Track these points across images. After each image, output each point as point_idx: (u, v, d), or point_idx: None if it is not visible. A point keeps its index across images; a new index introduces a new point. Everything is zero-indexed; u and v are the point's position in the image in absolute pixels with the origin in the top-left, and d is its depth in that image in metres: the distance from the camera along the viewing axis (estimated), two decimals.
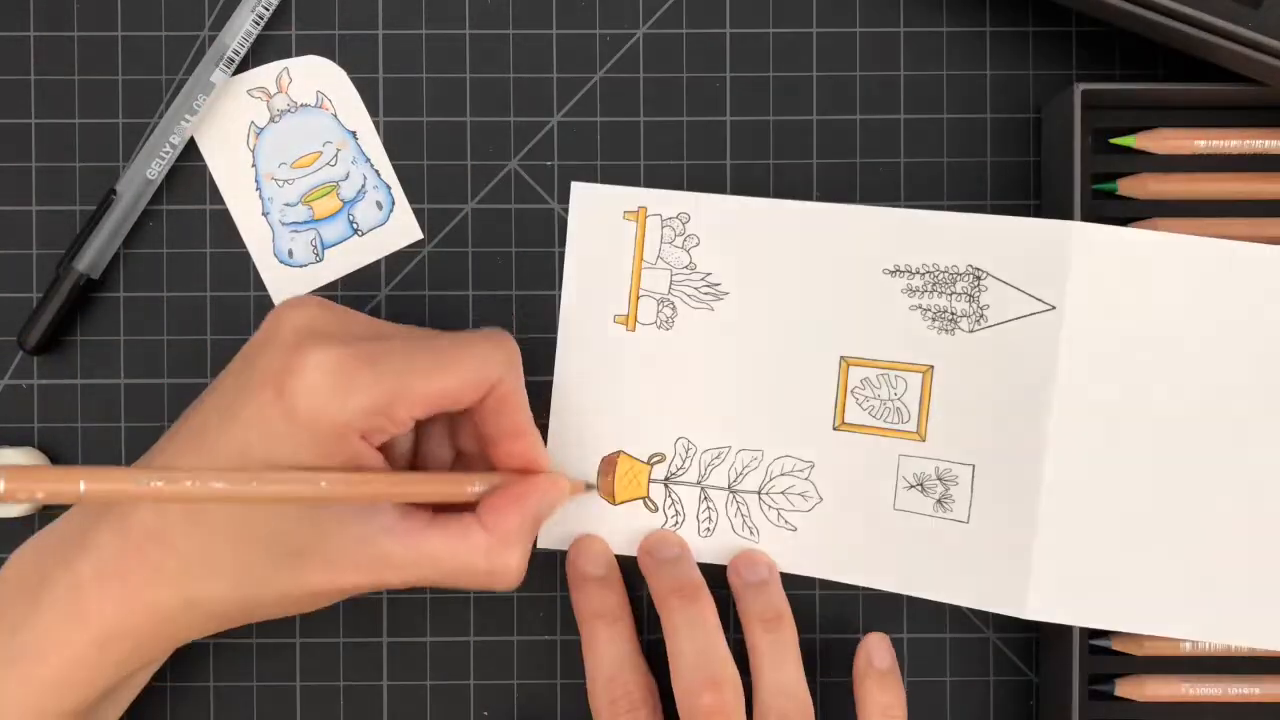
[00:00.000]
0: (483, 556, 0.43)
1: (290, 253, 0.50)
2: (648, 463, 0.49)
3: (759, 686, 0.46)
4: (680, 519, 0.49)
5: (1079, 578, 0.45)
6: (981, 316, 0.46)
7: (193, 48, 0.50)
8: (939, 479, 0.47)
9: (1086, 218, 0.47)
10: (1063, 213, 0.47)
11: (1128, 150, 0.49)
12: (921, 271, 0.47)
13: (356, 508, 0.42)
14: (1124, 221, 0.48)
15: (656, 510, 0.49)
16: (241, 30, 0.48)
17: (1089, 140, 0.49)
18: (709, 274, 0.49)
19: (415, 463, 0.47)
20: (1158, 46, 0.50)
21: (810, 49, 0.50)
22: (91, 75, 0.50)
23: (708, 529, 0.49)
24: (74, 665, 0.41)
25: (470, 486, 0.44)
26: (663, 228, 0.49)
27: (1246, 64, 0.44)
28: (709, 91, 0.50)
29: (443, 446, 0.47)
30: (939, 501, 0.47)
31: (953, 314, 0.46)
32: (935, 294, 0.47)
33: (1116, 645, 0.48)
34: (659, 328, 0.49)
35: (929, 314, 0.47)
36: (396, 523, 0.42)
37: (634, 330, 0.49)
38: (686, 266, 0.49)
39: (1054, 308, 0.45)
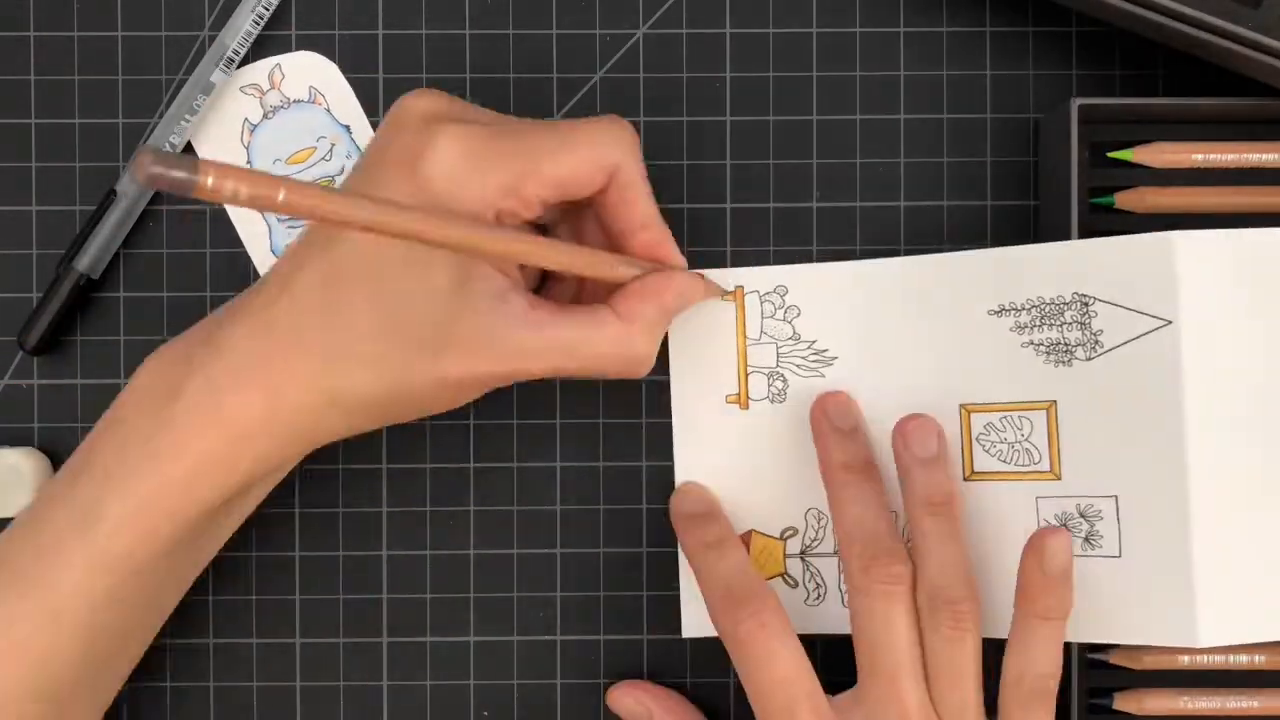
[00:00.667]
0: (616, 345, 0.43)
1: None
2: (780, 538, 0.49)
3: (922, 573, 0.44)
4: (822, 590, 0.49)
5: (1245, 595, 0.43)
6: (1096, 343, 0.44)
7: (193, 48, 0.50)
8: (1082, 516, 0.45)
9: (1084, 232, 0.47)
10: (1060, 226, 0.47)
11: (1125, 164, 0.49)
12: (1027, 307, 0.45)
13: (489, 295, 0.42)
14: (1121, 234, 0.48)
15: (797, 585, 0.49)
16: (242, 30, 0.48)
17: (1086, 154, 0.48)
18: (814, 341, 0.49)
19: (548, 288, 0.47)
20: (1158, 46, 0.50)
21: (810, 49, 0.50)
22: (91, 75, 0.50)
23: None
24: (208, 465, 0.41)
25: (617, 267, 0.44)
26: (762, 303, 0.49)
27: (1246, 64, 0.44)
28: (709, 91, 0.50)
29: (565, 241, 0.47)
30: (1086, 539, 0.45)
31: (1067, 345, 0.45)
32: (1045, 327, 0.45)
33: (1115, 659, 0.48)
34: (772, 402, 0.49)
35: (1042, 348, 0.45)
36: (527, 311, 0.42)
37: (747, 408, 0.49)
38: (791, 338, 0.49)
39: (1170, 322, 0.43)
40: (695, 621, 0.49)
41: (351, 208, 0.36)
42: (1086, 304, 0.44)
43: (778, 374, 0.49)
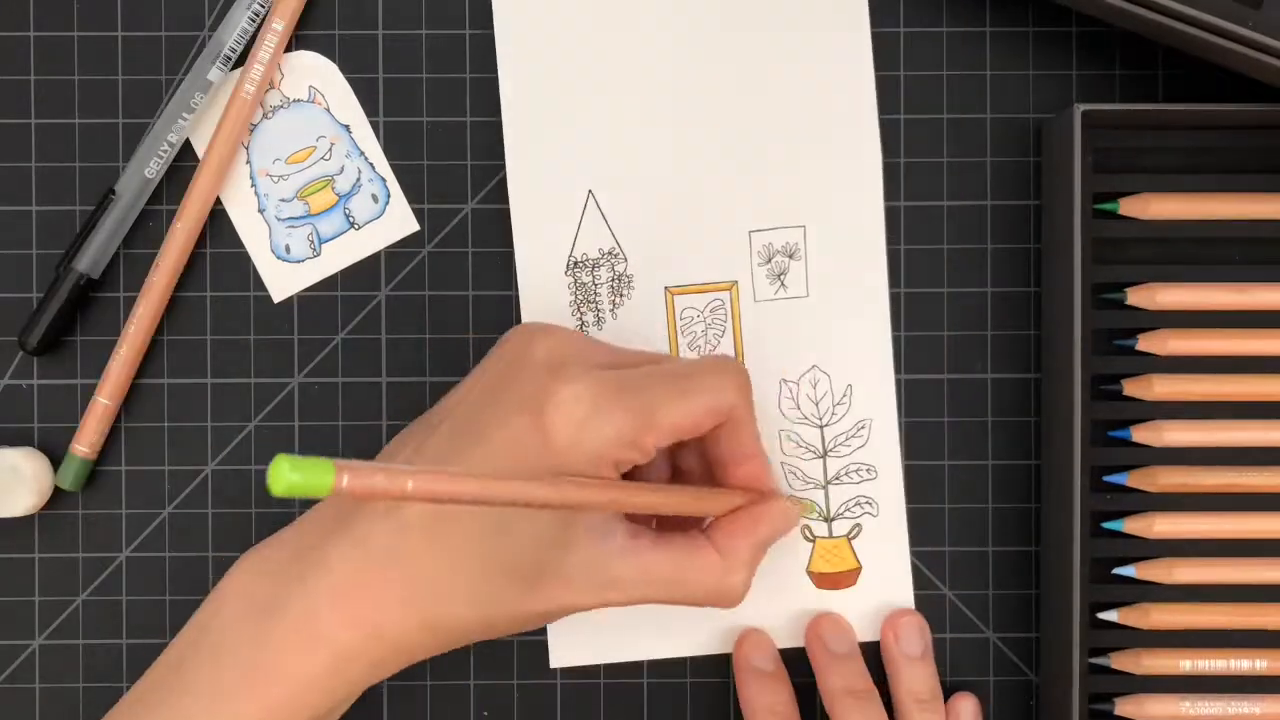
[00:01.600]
0: (712, 577, 0.44)
1: (287, 248, 0.50)
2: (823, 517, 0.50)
3: None
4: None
5: None
6: None
7: (192, 48, 0.49)
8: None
9: (1088, 237, 0.47)
10: (1064, 232, 0.47)
11: (1129, 169, 0.49)
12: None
13: (592, 531, 0.42)
14: (1126, 243, 0.49)
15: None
16: (238, 29, 0.48)
17: (1089, 160, 0.48)
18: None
19: (630, 479, 0.47)
20: (1158, 47, 0.49)
21: None
22: (91, 75, 0.50)
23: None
24: (307, 688, 0.41)
25: (712, 502, 0.45)
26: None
27: (1246, 64, 0.44)
28: None
29: (661, 465, 0.47)
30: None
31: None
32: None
33: (1116, 664, 0.48)
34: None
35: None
36: (626, 544, 0.43)
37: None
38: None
39: None
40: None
41: (486, 488, 0.36)
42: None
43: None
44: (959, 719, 0.49)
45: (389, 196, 0.50)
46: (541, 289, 0.49)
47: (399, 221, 0.50)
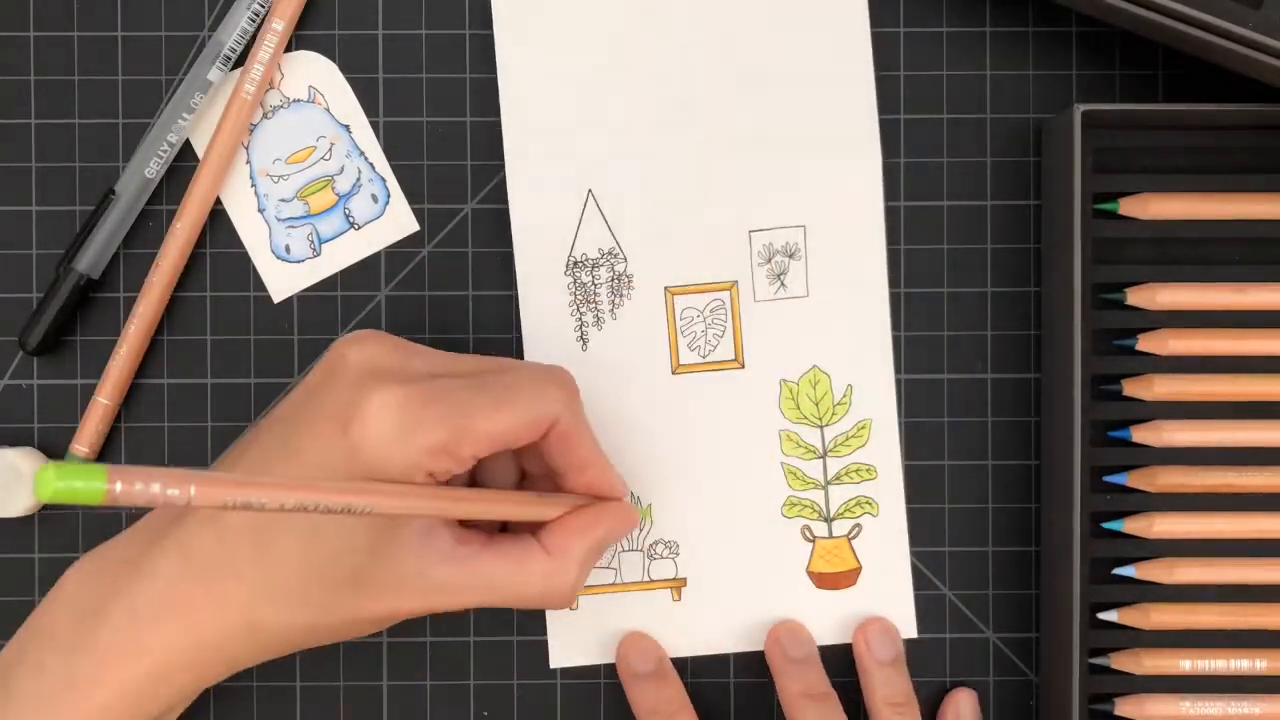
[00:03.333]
0: (540, 580, 0.43)
1: (287, 248, 0.50)
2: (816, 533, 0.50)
3: None
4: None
5: None
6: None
7: (192, 48, 0.49)
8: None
9: (1088, 237, 0.47)
10: (1064, 232, 0.47)
11: (1130, 170, 0.49)
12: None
13: (415, 535, 0.42)
14: (1125, 243, 0.49)
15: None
16: (238, 29, 0.48)
17: (1089, 160, 0.48)
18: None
19: (476, 483, 0.47)
20: (1158, 47, 0.49)
21: None
22: (91, 75, 0.50)
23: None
24: (130, 696, 0.41)
25: (546, 507, 0.44)
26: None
27: (1246, 64, 0.44)
28: None
29: (507, 468, 0.47)
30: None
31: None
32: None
33: (1116, 664, 0.48)
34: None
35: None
36: (453, 548, 0.42)
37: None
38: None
39: None
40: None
41: (269, 493, 0.36)
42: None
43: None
44: (958, 715, 0.49)
45: (389, 197, 0.50)
46: (541, 289, 0.49)
47: (399, 222, 0.50)
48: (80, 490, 0.31)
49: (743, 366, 0.49)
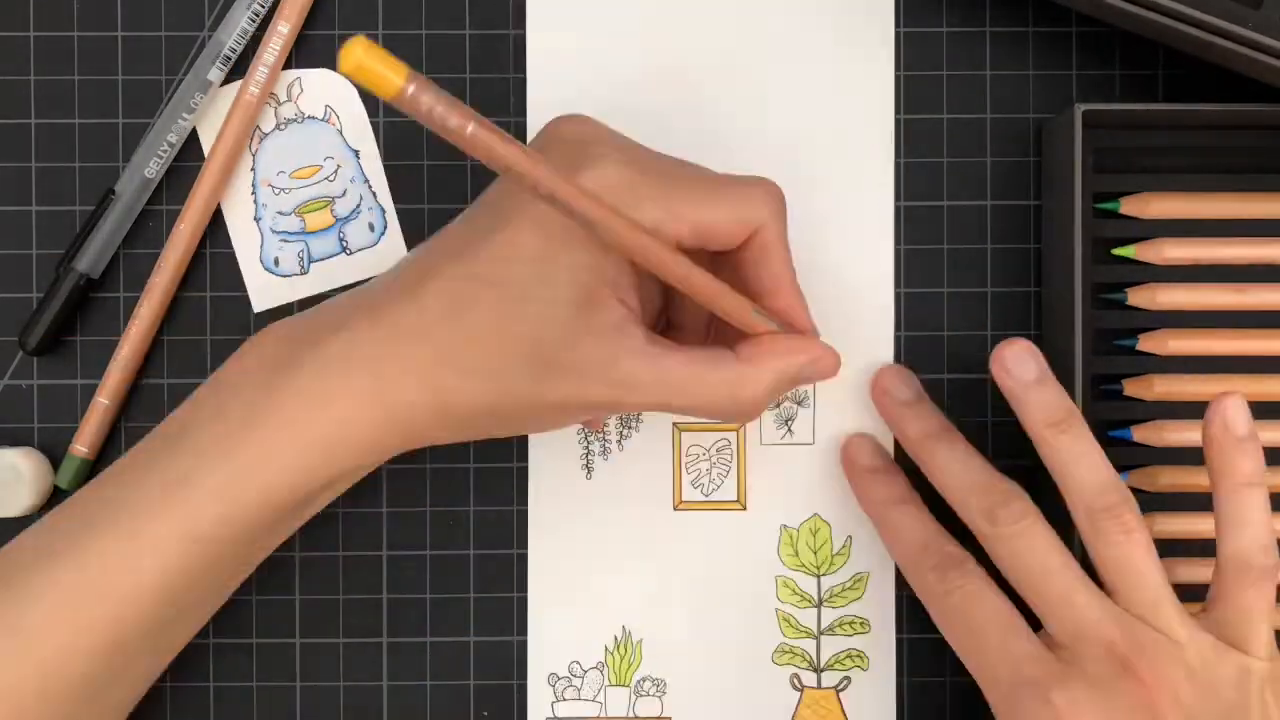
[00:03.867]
0: (729, 386, 0.42)
1: (276, 261, 0.50)
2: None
3: (1070, 489, 0.44)
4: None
5: None
6: None
7: (192, 48, 0.49)
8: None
9: (1089, 236, 0.47)
10: (1064, 231, 0.47)
11: (1131, 170, 0.49)
12: None
13: (609, 323, 0.41)
14: (1126, 241, 0.48)
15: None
16: (238, 29, 0.48)
17: (1090, 160, 0.48)
18: None
19: (667, 333, 0.47)
20: (1158, 47, 0.49)
21: None
22: (91, 75, 0.50)
23: None
24: (306, 449, 0.41)
25: (756, 318, 0.43)
26: None
27: (1246, 64, 0.44)
28: None
29: (697, 320, 0.47)
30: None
31: None
32: None
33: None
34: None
35: None
36: (646, 344, 0.42)
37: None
38: None
39: None
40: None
41: (542, 169, 0.36)
42: None
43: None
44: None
45: (385, 228, 0.50)
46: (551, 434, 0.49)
47: (391, 254, 0.50)
48: (378, 74, 0.31)
49: (744, 508, 0.50)
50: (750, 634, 0.49)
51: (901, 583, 0.50)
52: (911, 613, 0.50)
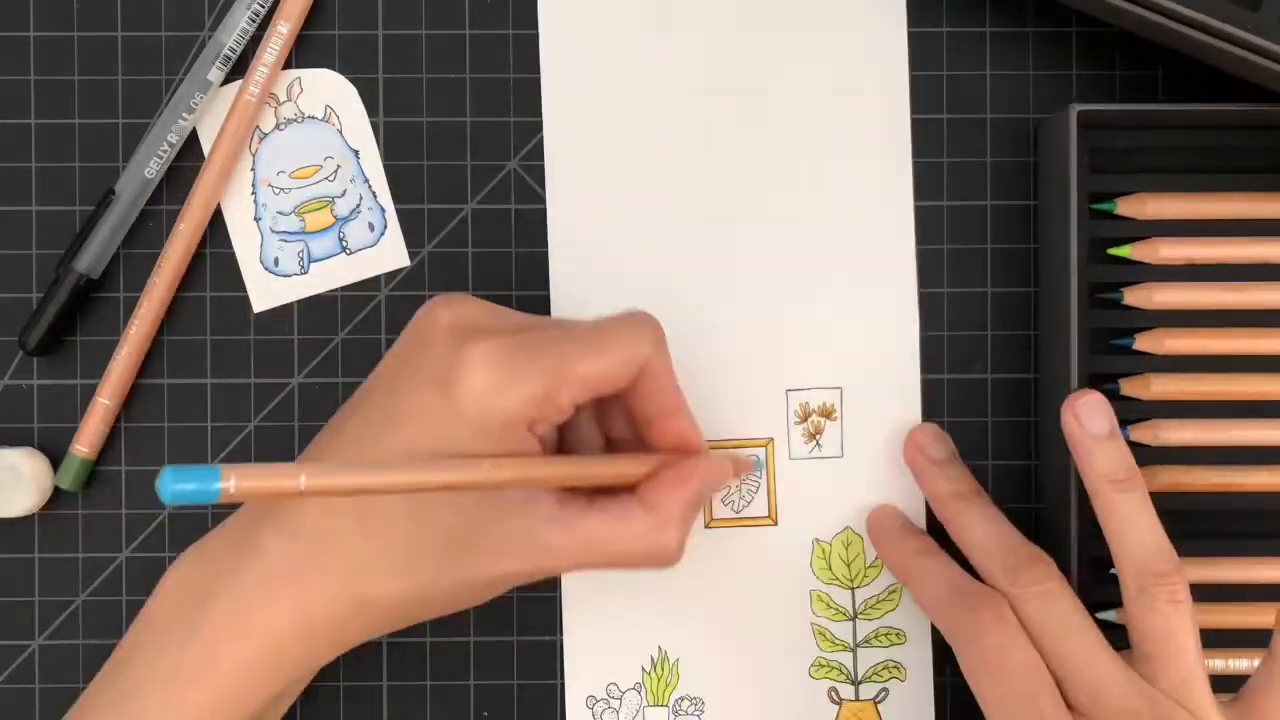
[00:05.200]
0: (644, 538, 0.43)
1: (276, 261, 0.50)
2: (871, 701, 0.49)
3: (1122, 552, 0.43)
4: None
5: None
6: None
7: (193, 48, 0.49)
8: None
9: (1085, 236, 0.47)
10: (1061, 232, 0.47)
11: (1127, 170, 0.49)
12: None
13: (518, 499, 0.42)
14: (1122, 241, 0.48)
15: None
16: (238, 29, 0.48)
17: (1086, 160, 0.48)
18: None
19: (563, 451, 0.47)
20: (1158, 47, 0.49)
21: None
22: (91, 75, 0.50)
23: None
24: (241, 679, 0.41)
25: (639, 466, 0.44)
26: None
27: (1244, 66, 0.44)
28: None
29: (592, 434, 0.47)
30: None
31: None
32: None
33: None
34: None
35: None
36: (557, 510, 0.42)
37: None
38: None
39: None
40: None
41: (381, 477, 0.37)
42: None
43: None
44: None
45: (385, 228, 0.50)
46: None
47: (391, 254, 0.50)
48: (198, 491, 0.32)
49: (776, 524, 0.49)
50: (786, 649, 0.49)
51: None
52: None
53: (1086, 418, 0.44)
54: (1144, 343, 0.48)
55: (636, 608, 0.49)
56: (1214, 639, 0.48)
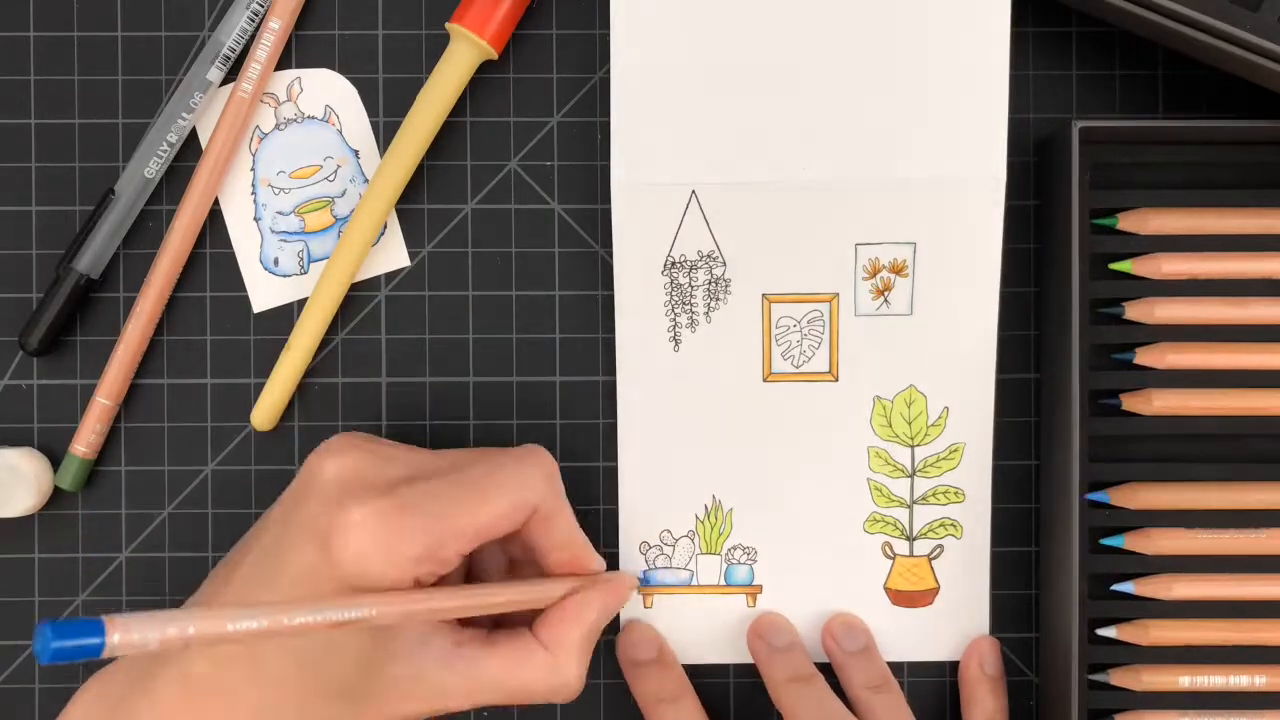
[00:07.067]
0: (542, 676, 0.43)
1: (276, 261, 0.50)
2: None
3: None
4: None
5: None
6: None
7: (192, 48, 0.50)
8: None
9: (1086, 252, 0.47)
10: (1062, 247, 0.47)
11: (1129, 186, 0.49)
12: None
13: (412, 639, 0.41)
14: (1124, 256, 0.48)
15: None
16: (238, 29, 0.48)
17: (1087, 176, 0.48)
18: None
19: (470, 576, 0.47)
20: (1158, 47, 0.49)
21: None
22: (91, 75, 0.50)
23: None
24: None
25: (535, 593, 0.44)
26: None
27: (1244, 67, 0.44)
28: None
29: (495, 558, 0.47)
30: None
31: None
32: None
33: (1115, 680, 0.48)
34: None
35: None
36: (451, 651, 0.42)
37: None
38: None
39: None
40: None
41: (257, 621, 0.36)
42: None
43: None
44: (981, 662, 0.49)
45: (384, 229, 0.50)
46: (638, 287, 0.49)
47: (390, 254, 0.50)
48: (80, 647, 0.32)
49: (836, 380, 0.49)
50: (842, 503, 0.49)
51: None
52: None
53: (842, 637, 0.48)
54: (1145, 357, 0.48)
55: (690, 457, 0.49)
56: (1217, 655, 0.48)
